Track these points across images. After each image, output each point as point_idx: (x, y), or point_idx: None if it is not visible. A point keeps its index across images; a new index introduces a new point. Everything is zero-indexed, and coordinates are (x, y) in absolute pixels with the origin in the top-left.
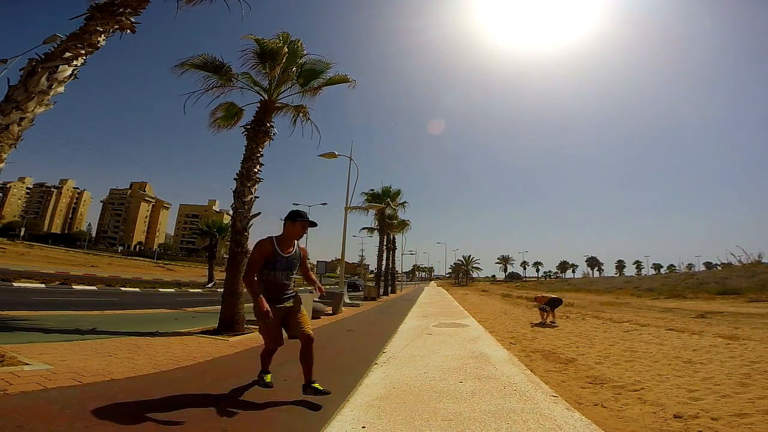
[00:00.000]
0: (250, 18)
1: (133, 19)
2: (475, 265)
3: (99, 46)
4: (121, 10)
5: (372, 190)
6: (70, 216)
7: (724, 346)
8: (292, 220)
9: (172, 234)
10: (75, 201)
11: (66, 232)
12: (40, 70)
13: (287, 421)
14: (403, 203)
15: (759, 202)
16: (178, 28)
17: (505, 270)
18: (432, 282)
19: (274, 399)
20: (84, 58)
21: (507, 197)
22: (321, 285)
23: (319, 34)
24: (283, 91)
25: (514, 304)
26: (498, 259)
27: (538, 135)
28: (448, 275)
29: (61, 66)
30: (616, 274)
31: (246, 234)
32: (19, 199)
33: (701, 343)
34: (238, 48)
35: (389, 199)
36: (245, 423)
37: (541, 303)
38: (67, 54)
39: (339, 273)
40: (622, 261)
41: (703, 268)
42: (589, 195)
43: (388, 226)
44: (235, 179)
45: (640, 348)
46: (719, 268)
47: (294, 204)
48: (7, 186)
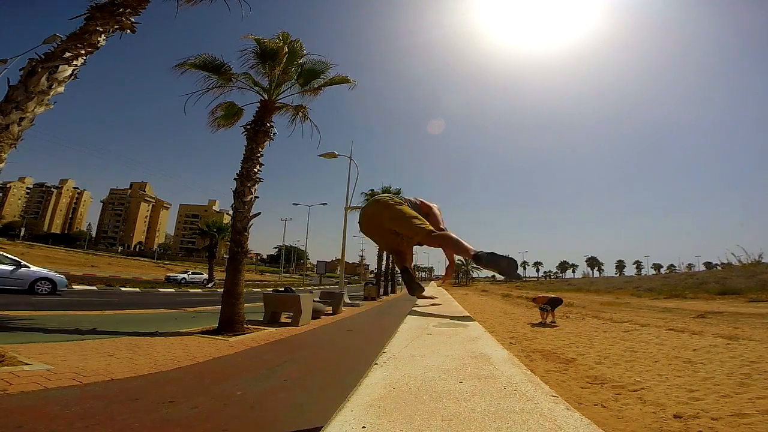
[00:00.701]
0: (250, 18)
1: (133, 19)
2: (475, 265)
3: (99, 46)
4: (121, 10)
5: (372, 190)
6: (70, 216)
7: (724, 346)
8: None
9: (172, 234)
10: (75, 201)
11: (66, 232)
12: (40, 70)
13: (287, 421)
14: None
15: (759, 202)
16: (178, 28)
17: None
18: (432, 282)
19: (275, 399)
20: (84, 58)
21: (507, 197)
22: None
23: (319, 34)
24: (283, 91)
25: (514, 304)
26: None
27: (538, 135)
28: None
29: (61, 66)
30: (616, 274)
31: (246, 234)
32: (19, 199)
33: (701, 343)
34: (238, 48)
35: None
36: (245, 423)
37: (540, 303)
38: (67, 54)
39: (339, 273)
40: (622, 261)
41: (703, 268)
42: (589, 195)
43: None
44: (235, 179)
45: (640, 348)
46: (719, 268)
47: (294, 204)
48: (7, 186)
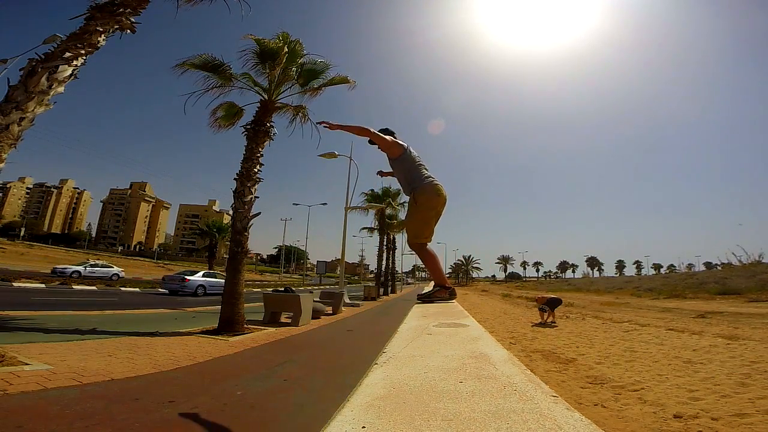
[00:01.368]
0: (250, 18)
1: (133, 19)
2: (475, 265)
3: (99, 46)
4: (121, 10)
5: (372, 190)
6: (70, 216)
7: (724, 346)
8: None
9: (172, 234)
10: (75, 201)
11: (66, 232)
12: (40, 70)
13: (287, 421)
14: (404, 203)
15: (759, 202)
16: (178, 28)
17: (505, 270)
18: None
19: (275, 399)
20: (84, 58)
21: (507, 197)
22: None
23: (319, 34)
24: (283, 91)
25: (514, 304)
26: (498, 259)
27: (538, 135)
28: (448, 275)
29: (61, 66)
30: (616, 274)
31: (246, 234)
32: (19, 199)
33: (701, 343)
34: (238, 48)
35: (389, 199)
36: (245, 422)
37: (540, 303)
38: (67, 54)
39: (339, 273)
40: (622, 261)
41: (703, 268)
42: (589, 195)
43: (388, 226)
44: (235, 179)
45: (640, 348)
46: (719, 268)
47: (294, 204)
48: (7, 186)
